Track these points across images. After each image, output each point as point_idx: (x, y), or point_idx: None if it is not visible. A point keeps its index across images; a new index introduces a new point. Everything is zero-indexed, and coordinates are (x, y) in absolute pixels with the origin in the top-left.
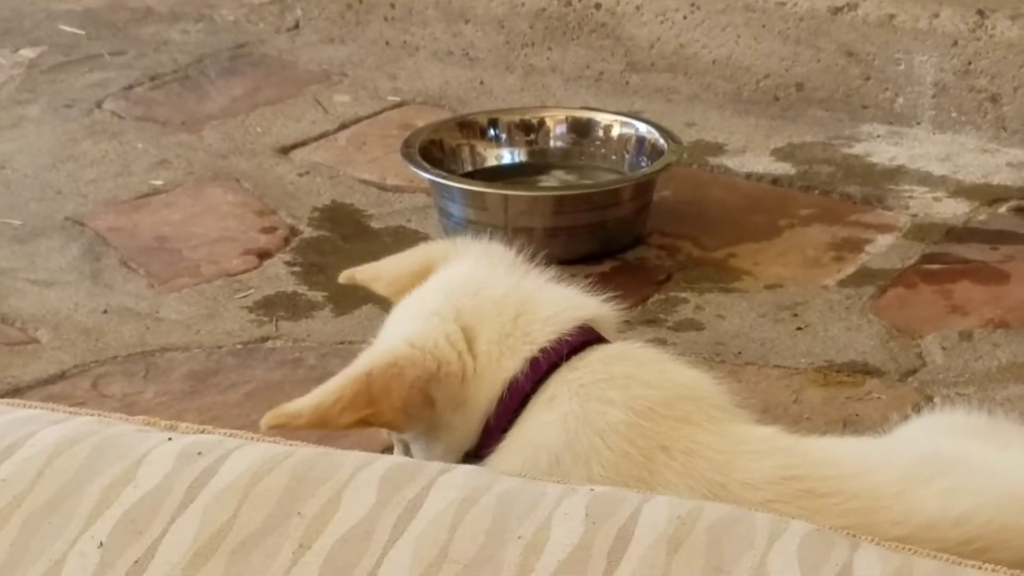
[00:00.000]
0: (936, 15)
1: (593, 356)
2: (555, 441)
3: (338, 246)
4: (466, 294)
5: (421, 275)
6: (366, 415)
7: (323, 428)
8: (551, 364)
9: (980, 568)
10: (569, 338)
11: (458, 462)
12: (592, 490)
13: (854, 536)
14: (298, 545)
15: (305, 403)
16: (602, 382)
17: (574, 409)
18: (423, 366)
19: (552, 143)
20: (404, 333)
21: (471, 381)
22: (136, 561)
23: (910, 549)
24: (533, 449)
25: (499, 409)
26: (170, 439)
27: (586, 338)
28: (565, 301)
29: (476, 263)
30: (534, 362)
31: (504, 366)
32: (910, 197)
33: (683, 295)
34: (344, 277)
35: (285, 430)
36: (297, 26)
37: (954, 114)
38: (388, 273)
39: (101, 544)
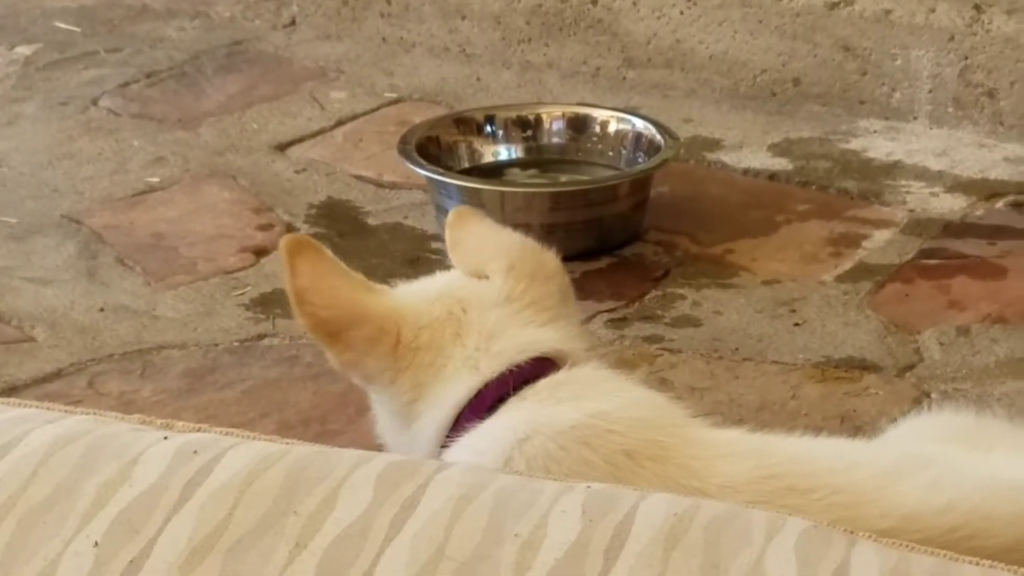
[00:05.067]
0: (932, 10)
1: (542, 383)
2: (502, 443)
3: (335, 243)
4: (476, 310)
5: (490, 261)
6: (321, 336)
7: (293, 304)
8: (498, 395)
9: (978, 564)
10: (518, 369)
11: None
12: (589, 487)
13: (851, 533)
14: (294, 544)
15: (308, 275)
16: (550, 399)
17: (522, 416)
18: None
19: (549, 139)
20: (417, 305)
21: (421, 385)
22: (131, 560)
23: (907, 546)
24: (479, 455)
25: (449, 433)
26: (166, 438)
27: (540, 371)
28: (526, 335)
29: (512, 285)
30: (480, 392)
31: (451, 392)
32: (907, 192)
33: (680, 291)
34: (453, 216)
35: (283, 263)
36: (293, 23)
37: (951, 109)
38: (470, 251)
39: (96, 543)
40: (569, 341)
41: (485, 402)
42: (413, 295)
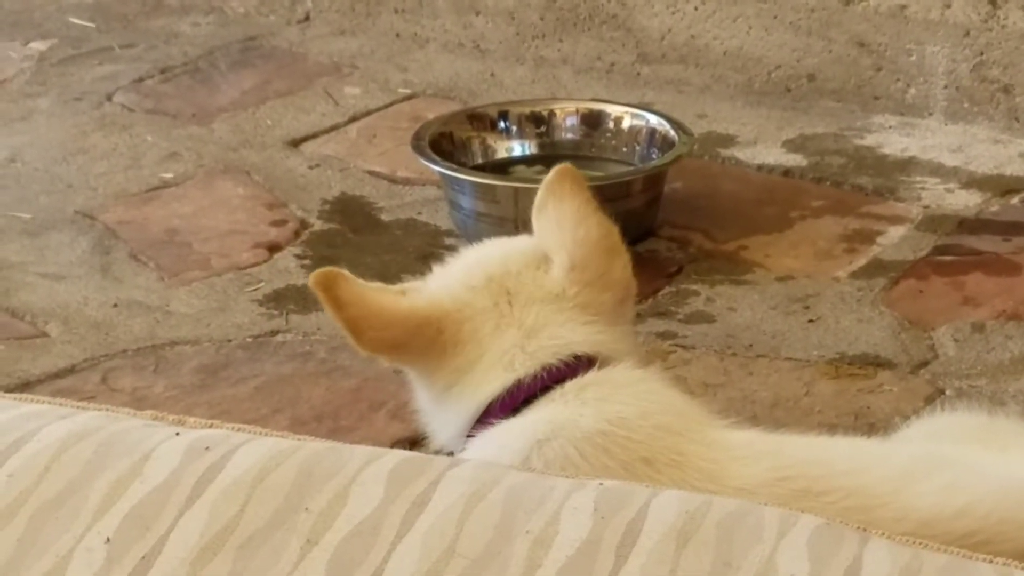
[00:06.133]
0: (948, 5)
1: (570, 384)
2: (522, 442)
3: (348, 239)
4: (522, 304)
5: (557, 250)
6: (383, 352)
7: (349, 335)
8: (529, 394)
9: (991, 562)
10: (551, 370)
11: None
12: (601, 484)
13: (864, 530)
14: (305, 540)
15: (355, 305)
16: (576, 400)
17: (544, 417)
18: (443, 316)
19: (563, 135)
20: (463, 295)
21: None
22: (143, 557)
23: (920, 543)
24: (499, 451)
25: (475, 427)
26: (177, 434)
27: (573, 370)
28: (564, 333)
29: (566, 286)
30: (511, 390)
31: (483, 386)
32: (922, 188)
33: (694, 287)
34: (554, 176)
35: (323, 301)
36: (307, 18)
37: (966, 105)
38: (548, 226)
39: (108, 540)
40: (608, 342)
41: (515, 400)
42: (456, 276)
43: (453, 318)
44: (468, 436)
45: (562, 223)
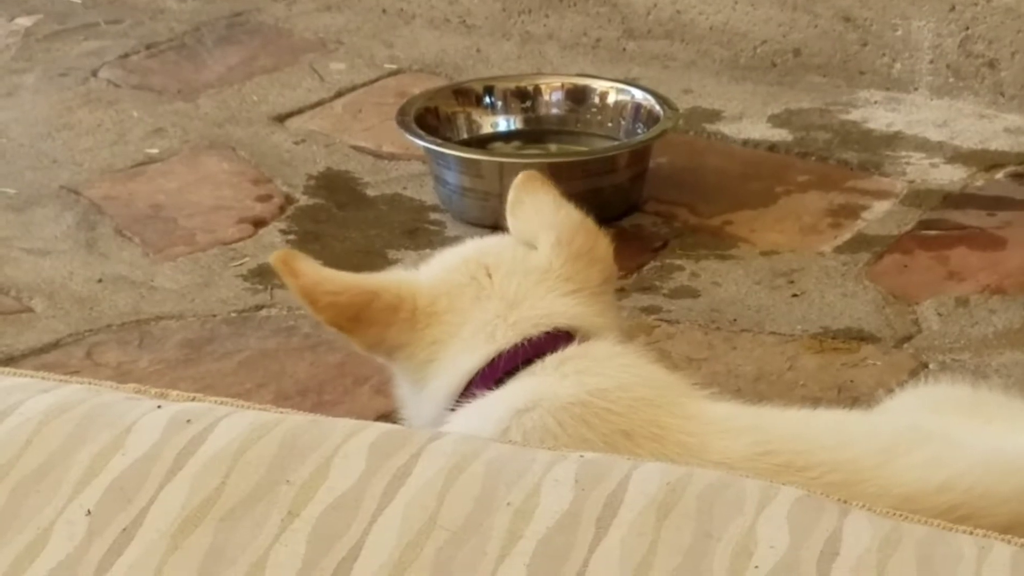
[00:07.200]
0: None
1: (550, 357)
2: (501, 412)
3: (333, 214)
4: (503, 275)
5: (541, 231)
6: (344, 324)
7: (307, 304)
8: (510, 366)
9: (971, 533)
10: (532, 342)
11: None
12: (582, 456)
13: (844, 502)
14: (287, 512)
15: (311, 273)
16: (556, 373)
17: (523, 387)
18: (405, 304)
19: (548, 110)
20: (436, 274)
21: (432, 347)
22: (124, 529)
23: (900, 515)
24: (479, 423)
25: (458, 401)
26: (159, 407)
27: (555, 343)
28: (545, 305)
29: (552, 259)
30: (493, 362)
31: (464, 358)
32: (907, 163)
33: (679, 262)
34: (522, 178)
35: (281, 275)
36: None
37: (951, 80)
38: (526, 217)
39: (89, 512)
40: (589, 315)
41: (496, 372)
42: (431, 266)
43: (425, 292)
44: (451, 411)
45: (542, 210)
